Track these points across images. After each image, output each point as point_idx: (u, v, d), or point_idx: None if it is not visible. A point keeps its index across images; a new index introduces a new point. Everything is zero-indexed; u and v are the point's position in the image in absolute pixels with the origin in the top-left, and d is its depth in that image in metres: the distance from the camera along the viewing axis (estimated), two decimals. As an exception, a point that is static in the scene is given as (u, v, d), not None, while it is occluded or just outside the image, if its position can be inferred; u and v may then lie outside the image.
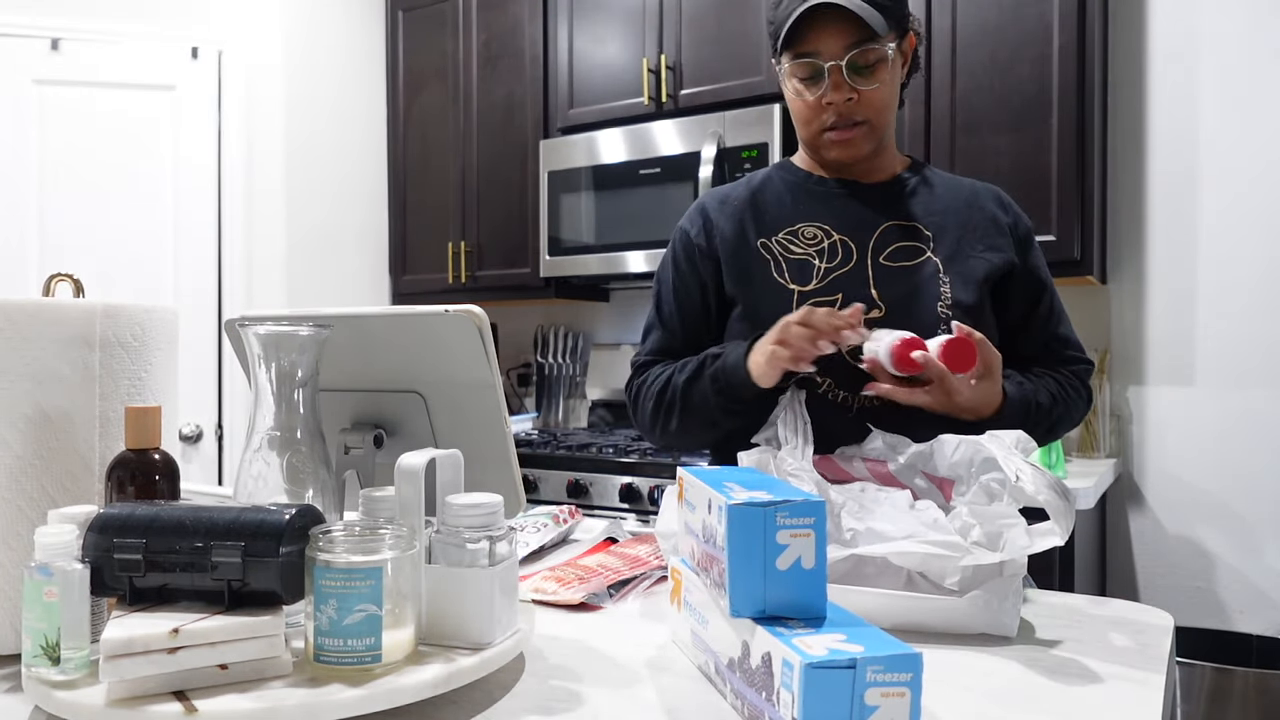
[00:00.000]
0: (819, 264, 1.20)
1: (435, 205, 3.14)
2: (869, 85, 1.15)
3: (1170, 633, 0.86)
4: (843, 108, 1.16)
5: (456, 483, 0.76)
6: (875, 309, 1.16)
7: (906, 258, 1.19)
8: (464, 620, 0.70)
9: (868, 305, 1.15)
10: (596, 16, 2.78)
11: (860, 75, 1.15)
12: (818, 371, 1.12)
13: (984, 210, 1.24)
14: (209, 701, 0.60)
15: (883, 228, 1.21)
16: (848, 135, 1.18)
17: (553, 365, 3.17)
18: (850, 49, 1.13)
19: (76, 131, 2.64)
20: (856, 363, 1.12)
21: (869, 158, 1.22)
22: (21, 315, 0.77)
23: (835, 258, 1.20)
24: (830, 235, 1.21)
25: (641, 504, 2.35)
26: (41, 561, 0.64)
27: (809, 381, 1.15)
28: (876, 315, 1.16)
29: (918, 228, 1.21)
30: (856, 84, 1.15)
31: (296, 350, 0.77)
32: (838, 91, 1.15)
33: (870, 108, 1.17)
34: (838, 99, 1.15)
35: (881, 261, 1.19)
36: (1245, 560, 2.27)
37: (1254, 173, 2.27)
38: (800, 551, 0.65)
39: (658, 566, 1.07)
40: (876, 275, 1.18)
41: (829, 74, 1.14)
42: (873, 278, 1.18)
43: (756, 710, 0.63)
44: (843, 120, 1.17)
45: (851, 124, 1.18)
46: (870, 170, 1.25)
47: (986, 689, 0.72)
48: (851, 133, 1.18)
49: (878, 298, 1.17)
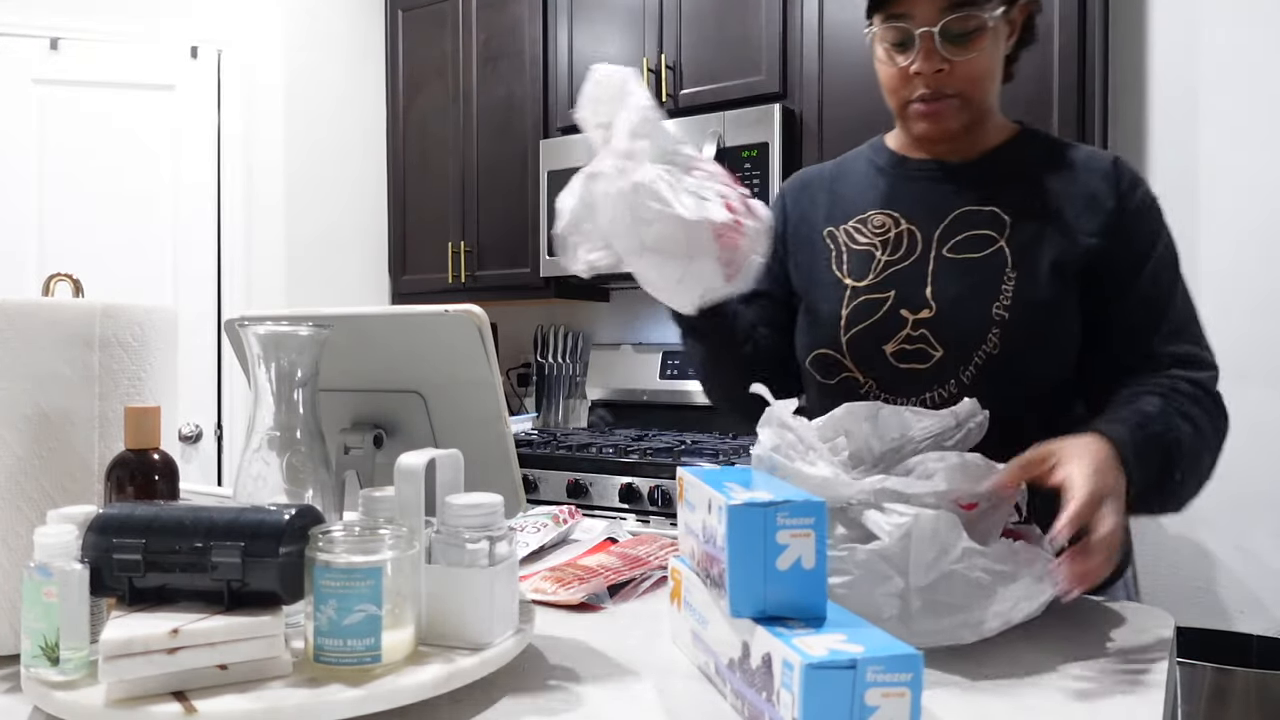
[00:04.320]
0: (880, 256, 1.11)
1: (435, 205, 3.14)
2: (964, 56, 1.03)
3: (1171, 633, 0.86)
4: (932, 79, 1.04)
5: (456, 483, 0.76)
6: (925, 308, 1.07)
7: (974, 248, 1.08)
8: (464, 620, 0.70)
9: (917, 304, 1.07)
10: (596, 16, 2.77)
11: (955, 44, 1.02)
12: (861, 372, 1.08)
13: (1084, 186, 1.08)
14: (209, 702, 0.60)
15: (954, 214, 1.10)
16: (935, 108, 1.06)
17: (553, 365, 3.17)
18: (946, 13, 1.01)
19: (76, 131, 2.63)
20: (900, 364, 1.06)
21: (961, 134, 1.10)
22: (21, 315, 0.77)
23: (899, 249, 1.11)
24: (898, 224, 1.12)
25: (641, 504, 2.34)
26: (41, 562, 0.64)
27: (850, 383, 1.10)
28: (926, 315, 1.07)
29: (995, 213, 1.08)
30: (950, 54, 1.02)
31: (296, 350, 0.77)
32: (927, 61, 1.03)
33: (964, 80, 1.04)
34: (927, 69, 1.03)
35: (945, 254, 1.08)
36: (1245, 560, 2.27)
37: (1255, 173, 2.27)
38: (800, 551, 0.65)
39: (658, 566, 1.06)
40: (936, 269, 1.08)
41: (919, 41, 1.02)
42: (931, 272, 1.08)
43: (756, 710, 0.62)
44: (932, 93, 1.05)
45: (941, 96, 1.05)
46: (961, 147, 1.12)
47: (986, 689, 0.72)
48: (940, 105, 1.06)
49: (930, 296, 1.07)
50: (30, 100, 2.59)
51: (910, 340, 1.07)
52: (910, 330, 1.07)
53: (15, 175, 2.58)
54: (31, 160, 2.59)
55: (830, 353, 1.12)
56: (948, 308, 1.06)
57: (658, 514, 2.33)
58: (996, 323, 1.04)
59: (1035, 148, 1.12)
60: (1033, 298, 1.03)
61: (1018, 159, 1.11)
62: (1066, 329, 1.05)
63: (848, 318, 1.10)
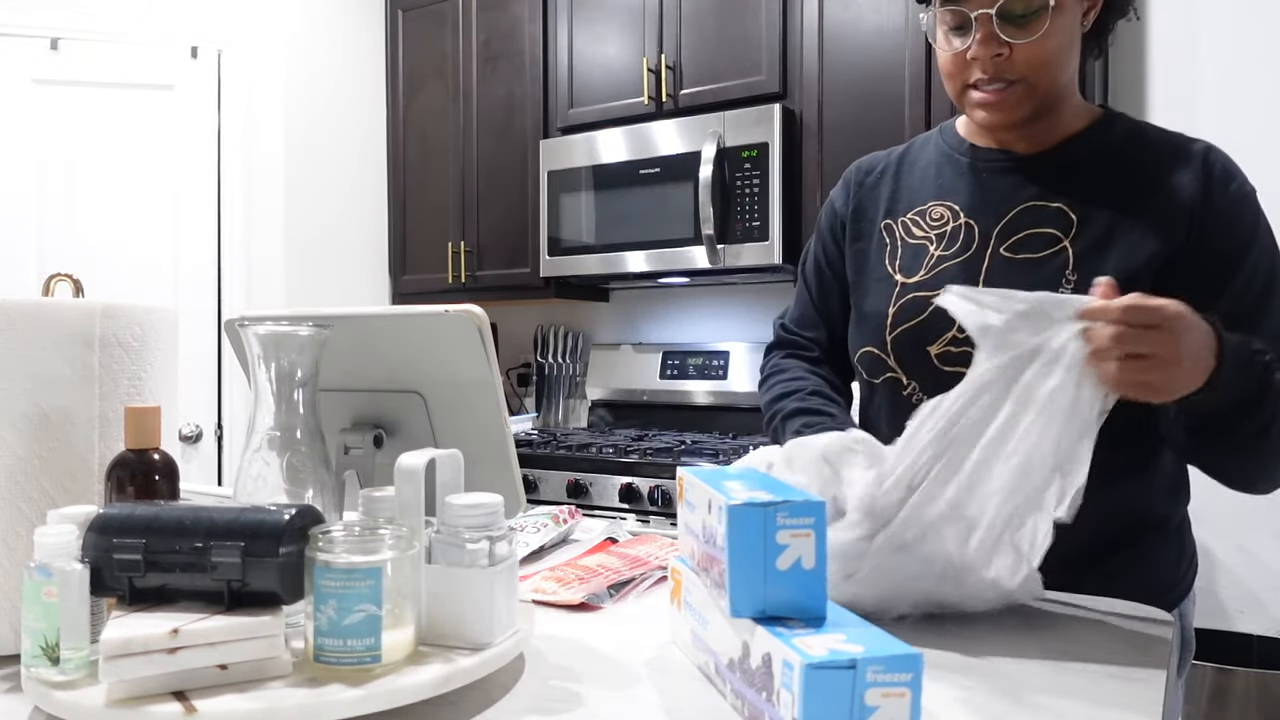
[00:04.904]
0: (934, 250, 1.06)
1: (435, 205, 3.14)
2: (1026, 38, 0.95)
3: (1171, 633, 0.86)
4: (990, 64, 0.97)
5: (456, 483, 0.76)
6: None
7: (1035, 248, 1.01)
8: (464, 620, 0.70)
9: None
10: (596, 16, 2.77)
11: (1015, 26, 0.95)
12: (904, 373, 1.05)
13: (1167, 180, 0.99)
14: (209, 702, 0.60)
15: (1017, 210, 1.03)
16: (996, 97, 0.99)
17: (553, 365, 3.17)
18: None
19: (76, 131, 2.63)
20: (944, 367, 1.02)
21: (1029, 121, 1.02)
22: (21, 315, 0.77)
23: (954, 244, 1.05)
24: (957, 217, 1.06)
25: (641, 504, 2.34)
26: (41, 562, 0.63)
27: (894, 383, 1.06)
28: None
29: (1062, 209, 1.01)
30: (1011, 36, 0.95)
31: (296, 350, 0.77)
32: (984, 46, 0.96)
33: (1026, 65, 0.97)
34: (984, 55, 0.97)
35: (1003, 252, 1.02)
36: (1245, 560, 2.27)
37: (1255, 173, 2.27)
38: (800, 551, 0.65)
39: (658, 566, 1.06)
40: (992, 268, 1.02)
41: (977, 24, 0.96)
42: (986, 271, 1.02)
43: (756, 710, 0.62)
44: (991, 79, 0.98)
45: (1003, 83, 0.98)
46: (1033, 135, 1.05)
47: (987, 689, 0.72)
48: (1002, 94, 0.98)
49: None
50: (30, 100, 2.59)
51: (956, 343, 1.01)
52: (956, 332, 1.01)
53: (15, 175, 2.58)
54: (31, 160, 2.59)
55: (876, 351, 1.08)
56: None
57: (658, 514, 2.33)
58: None
59: (1116, 135, 1.04)
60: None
61: (1095, 149, 1.03)
62: None
63: (894, 316, 1.06)
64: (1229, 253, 0.96)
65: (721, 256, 2.48)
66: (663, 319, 3.07)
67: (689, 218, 2.53)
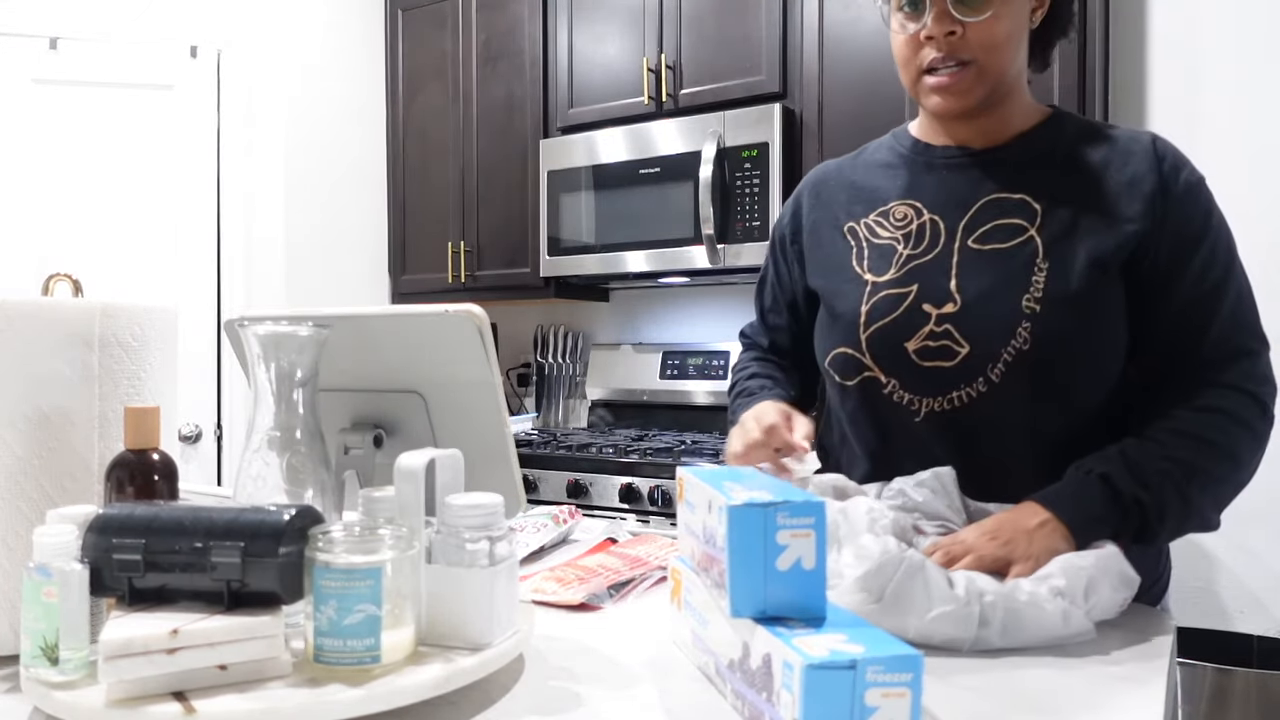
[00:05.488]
0: (901, 250, 1.07)
1: (435, 205, 3.14)
2: (977, 16, 0.97)
3: (1171, 633, 0.86)
4: (944, 43, 0.99)
5: (456, 483, 0.76)
6: (949, 302, 1.02)
7: (1001, 238, 1.02)
8: (464, 620, 0.70)
9: (941, 299, 1.02)
10: (596, 16, 2.77)
11: (967, 5, 0.98)
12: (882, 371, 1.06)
13: (1123, 168, 1.01)
14: (208, 702, 0.60)
15: (980, 203, 1.04)
16: (950, 79, 1.00)
17: (552, 365, 3.17)
18: None
19: (75, 131, 2.63)
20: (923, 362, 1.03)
21: (981, 112, 1.04)
22: (21, 315, 0.77)
23: (921, 242, 1.06)
24: (921, 215, 1.07)
25: (641, 504, 2.34)
26: (40, 562, 0.63)
27: (873, 383, 1.06)
28: (950, 309, 1.02)
29: (1025, 201, 1.02)
30: (963, 14, 0.98)
31: (296, 350, 0.77)
32: (938, 23, 0.98)
33: (978, 45, 0.98)
34: (938, 32, 0.98)
35: (971, 244, 1.03)
36: (1245, 560, 2.26)
37: (1255, 172, 2.27)
38: (800, 552, 0.65)
39: (658, 567, 1.06)
40: (961, 261, 1.03)
41: (931, 3, 0.98)
42: (956, 265, 1.03)
43: (757, 711, 0.62)
44: (945, 60, 1.00)
45: (956, 64, 1.00)
46: (986, 131, 1.07)
47: (987, 689, 0.72)
48: (955, 76, 1.00)
49: (955, 289, 1.02)
50: (30, 100, 2.59)
51: (934, 336, 1.02)
52: (934, 326, 1.02)
53: (15, 175, 2.58)
54: (31, 160, 2.59)
55: (850, 351, 1.08)
56: (973, 301, 1.01)
57: (658, 514, 2.33)
58: (1027, 316, 0.98)
59: (1069, 130, 1.06)
60: (1066, 289, 0.97)
61: (1050, 142, 1.05)
62: (1107, 329, 0.99)
63: (868, 314, 1.06)
64: (1186, 240, 0.98)
65: (721, 256, 2.48)
66: (663, 319, 3.07)
67: (689, 218, 2.53)
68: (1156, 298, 0.99)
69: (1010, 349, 0.98)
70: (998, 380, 0.99)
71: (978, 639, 0.79)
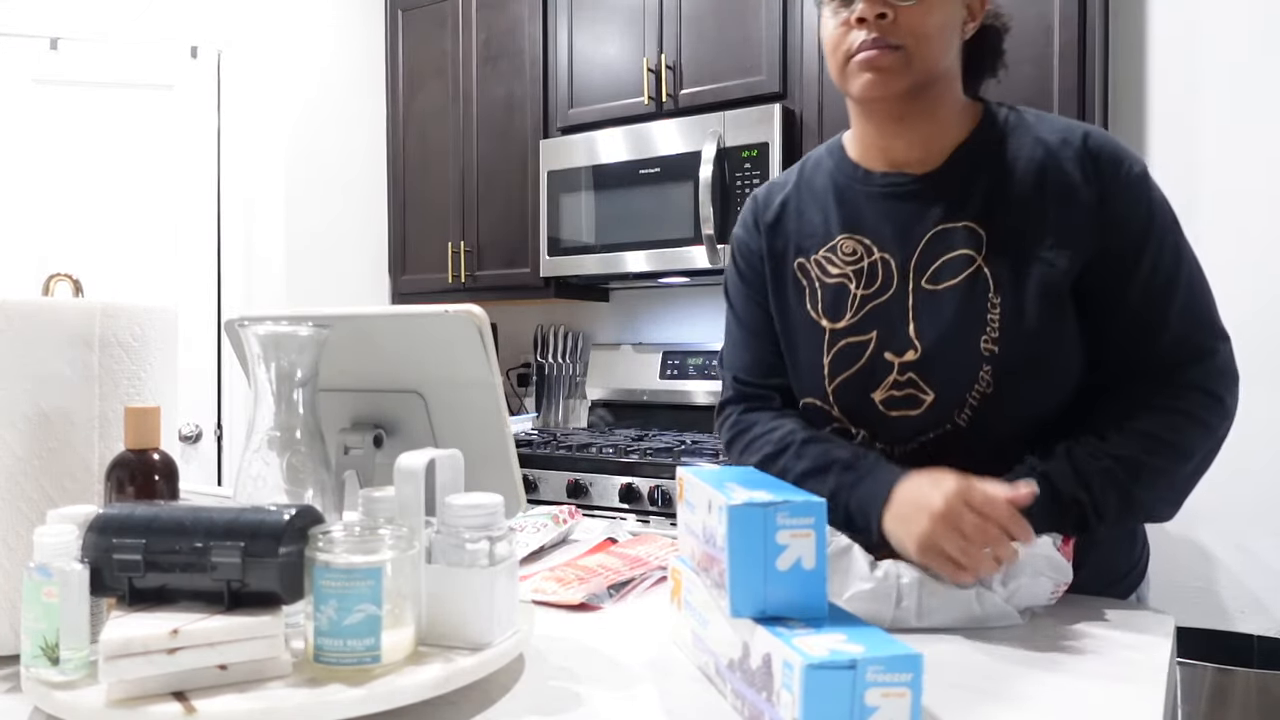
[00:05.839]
0: (854, 290, 1.03)
1: (435, 205, 3.14)
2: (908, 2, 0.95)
3: (1171, 633, 0.86)
4: (875, 25, 0.95)
5: (456, 483, 0.76)
6: (910, 349, 0.99)
7: (952, 274, 0.99)
8: (464, 620, 0.70)
9: (901, 346, 0.99)
10: (596, 16, 2.77)
11: None
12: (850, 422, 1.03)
13: (1059, 177, 0.97)
14: (208, 702, 0.60)
15: (927, 238, 1.01)
16: (877, 58, 0.96)
17: (552, 365, 3.17)
18: None
19: (75, 131, 2.63)
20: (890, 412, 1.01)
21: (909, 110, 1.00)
22: (21, 315, 0.77)
23: (875, 282, 1.02)
24: (871, 252, 1.04)
25: (641, 504, 2.34)
26: (41, 562, 0.63)
27: (842, 432, 1.04)
28: (911, 357, 0.99)
29: (969, 229, 0.99)
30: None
31: (296, 350, 0.77)
32: (871, 5, 0.95)
33: (908, 31, 0.95)
34: (870, 13, 0.95)
35: (924, 285, 1.00)
36: (1246, 560, 2.27)
37: (1255, 173, 2.27)
38: (800, 552, 0.65)
39: (658, 566, 1.06)
40: (917, 304, 1.00)
41: None
42: (912, 309, 1.00)
43: (757, 711, 0.62)
44: (876, 43, 0.96)
45: (884, 46, 0.96)
46: (919, 142, 1.03)
47: (986, 689, 0.72)
48: (882, 55, 0.96)
49: (914, 335, 0.99)
50: (30, 100, 2.59)
51: (898, 386, 1.01)
52: (897, 375, 1.00)
53: (15, 175, 2.58)
54: (31, 160, 2.59)
55: (817, 403, 1.06)
56: (933, 347, 0.99)
57: (658, 514, 2.33)
58: (986, 358, 0.96)
59: (999, 132, 1.02)
60: (1021, 327, 0.96)
61: (984, 155, 1.01)
62: (1066, 356, 0.98)
63: (831, 366, 1.04)
64: (1131, 241, 0.96)
65: (722, 256, 2.48)
66: (663, 319, 3.07)
67: (689, 218, 2.53)
68: (1108, 307, 0.97)
69: (974, 394, 0.98)
70: (965, 424, 0.99)
71: (895, 618, 0.86)
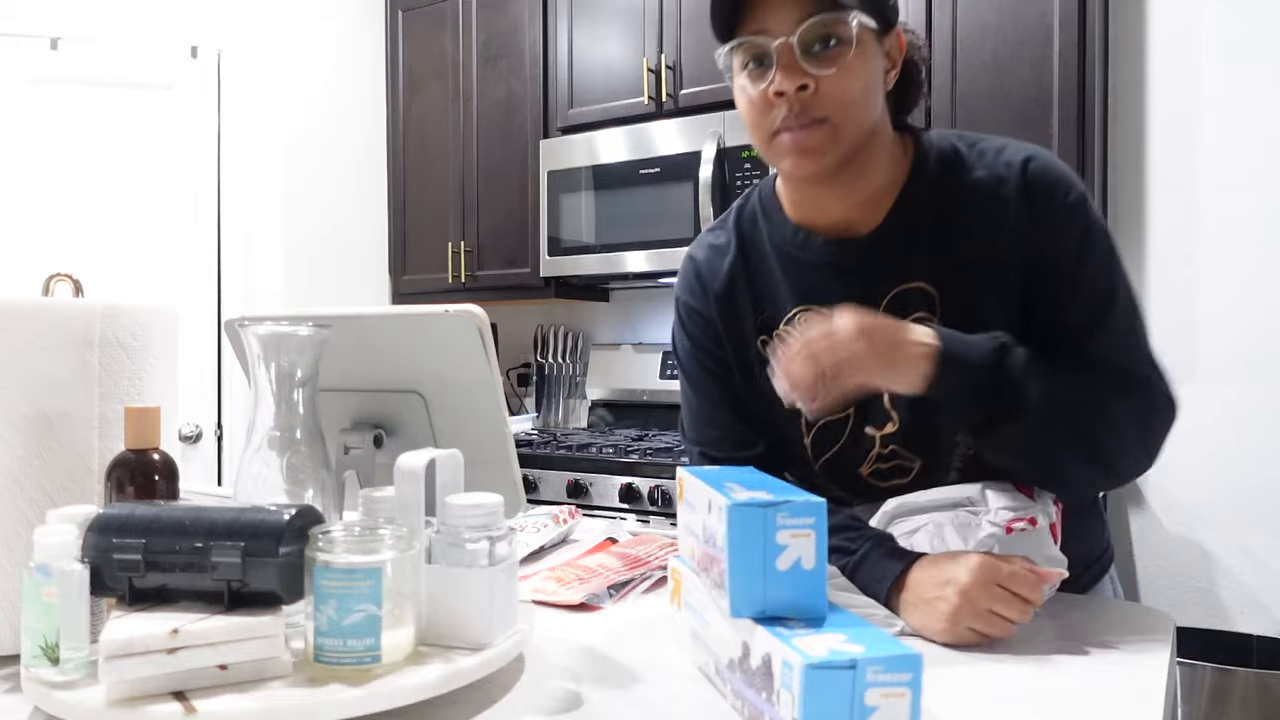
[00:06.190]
0: None
1: (435, 205, 3.14)
2: (827, 69, 0.89)
3: (1171, 633, 0.86)
4: (795, 100, 0.89)
5: (456, 483, 0.76)
6: (889, 422, 0.97)
7: None
8: (464, 620, 0.70)
9: (881, 419, 0.97)
10: (596, 16, 2.77)
11: (816, 58, 0.89)
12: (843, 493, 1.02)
13: (1001, 215, 0.94)
14: (209, 702, 0.60)
15: (884, 304, 0.96)
16: (803, 137, 0.91)
17: (553, 365, 3.17)
18: (801, 21, 0.89)
19: (75, 131, 2.63)
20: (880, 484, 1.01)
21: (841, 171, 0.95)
22: (21, 315, 0.77)
23: None
24: None
25: (641, 504, 2.34)
26: (41, 562, 0.63)
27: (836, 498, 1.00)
28: (891, 429, 0.97)
29: (921, 289, 0.96)
30: (812, 67, 0.89)
31: (296, 350, 0.77)
32: (787, 76, 0.89)
33: (831, 100, 0.89)
34: (788, 87, 0.89)
35: None
36: (1246, 560, 2.27)
37: (1255, 171, 2.27)
38: (800, 552, 0.65)
39: (658, 566, 1.06)
40: None
41: (777, 55, 0.89)
42: None
43: (757, 711, 0.62)
44: (799, 118, 0.90)
45: (810, 121, 0.90)
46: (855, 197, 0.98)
47: (987, 689, 0.72)
48: (809, 133, 0.91)
49: (890, 407, 0.97)
50: (30, 100, 2.59)
51: (883, 459, 0.99)
52: (880, 449, 0.99)
53: (15, 175, 2.58)
54: (32, 160, 2.59)
55: (805, 475, 1.06)
56: (909, 418, 0.97)
57: (658, 514, 2.33)
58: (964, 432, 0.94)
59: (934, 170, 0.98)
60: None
61: (923, 202, 0.97)
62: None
63: (813, 447, 1.03)
64: (1066, 269, 0.93)
65: (721, 256, 2.48)
66: (663, 319, 3.07)
67: (689, 218, 2.53)
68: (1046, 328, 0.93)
69: (958, 457, 0.97)
70: (956, 480, 0.97)
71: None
